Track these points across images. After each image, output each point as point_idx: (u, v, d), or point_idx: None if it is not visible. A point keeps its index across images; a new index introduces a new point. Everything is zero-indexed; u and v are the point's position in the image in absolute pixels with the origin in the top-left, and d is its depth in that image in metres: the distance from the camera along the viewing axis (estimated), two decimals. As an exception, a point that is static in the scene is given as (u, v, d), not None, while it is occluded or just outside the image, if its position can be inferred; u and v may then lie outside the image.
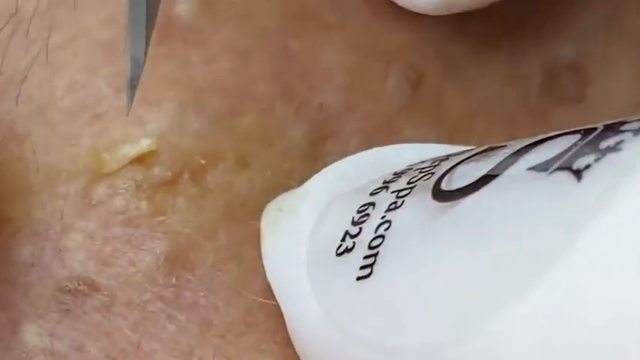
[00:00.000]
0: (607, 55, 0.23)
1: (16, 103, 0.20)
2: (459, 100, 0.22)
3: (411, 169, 0.18)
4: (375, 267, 0.17)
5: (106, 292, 0.19)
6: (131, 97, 0.18)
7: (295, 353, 0.19)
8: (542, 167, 0.15)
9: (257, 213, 0.20)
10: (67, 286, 0.19)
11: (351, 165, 0.20)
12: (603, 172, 0.14)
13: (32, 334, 0.19)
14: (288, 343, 0.19)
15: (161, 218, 0.20)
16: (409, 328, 0.16)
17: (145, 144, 0.20)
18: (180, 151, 0.20)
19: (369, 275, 0.17)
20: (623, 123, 0.16)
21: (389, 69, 0.21)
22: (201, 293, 0.19)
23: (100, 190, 0.20)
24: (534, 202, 0.15)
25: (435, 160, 0.18)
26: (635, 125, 0.15)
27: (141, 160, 0.20)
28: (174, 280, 0.20)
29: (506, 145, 0.17)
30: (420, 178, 0.17)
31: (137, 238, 0.20)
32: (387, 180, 0.18)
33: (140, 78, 0.18)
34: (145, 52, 0.18)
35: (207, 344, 0.19)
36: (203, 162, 0.20)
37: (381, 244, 0.17)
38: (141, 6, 0.18)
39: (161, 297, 0.19)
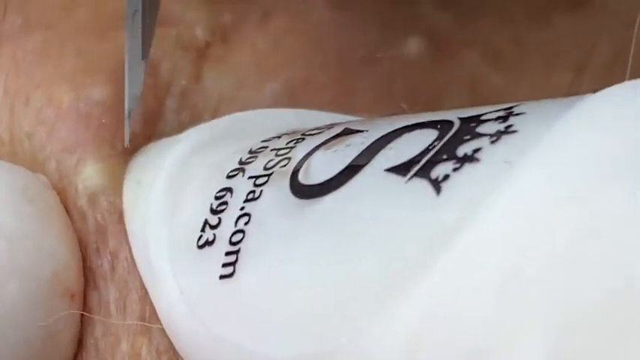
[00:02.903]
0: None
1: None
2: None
3: (267, 147, 0.17)
4: (237, 266, 0.15)
5: None
6: (129, 129, 0.18)
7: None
8: (400, 171, 0.14)
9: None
10: None
11: (207, 133, 0.18)
12: (461, 187, 0.14)
13: None
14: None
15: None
16: (274, 339, 0.15)
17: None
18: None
19: (231, 274, 0.15)
20: (479, 120, 0.14)
21: None
22: None
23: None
24: (395, 212, 0.14)
25: (290, 138, 0.17)
26: (491, 127, 0.14)
27: None
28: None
29: (363, 131, 0.16)
30: (277, 163, 0.16)
31: None
32: (243, 160, 0.17)
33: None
34: (141, 87, 0.18)
35: None
36: None
37: (241, 239, 0.16)
38: (137, 50, 0.18)
39: None
